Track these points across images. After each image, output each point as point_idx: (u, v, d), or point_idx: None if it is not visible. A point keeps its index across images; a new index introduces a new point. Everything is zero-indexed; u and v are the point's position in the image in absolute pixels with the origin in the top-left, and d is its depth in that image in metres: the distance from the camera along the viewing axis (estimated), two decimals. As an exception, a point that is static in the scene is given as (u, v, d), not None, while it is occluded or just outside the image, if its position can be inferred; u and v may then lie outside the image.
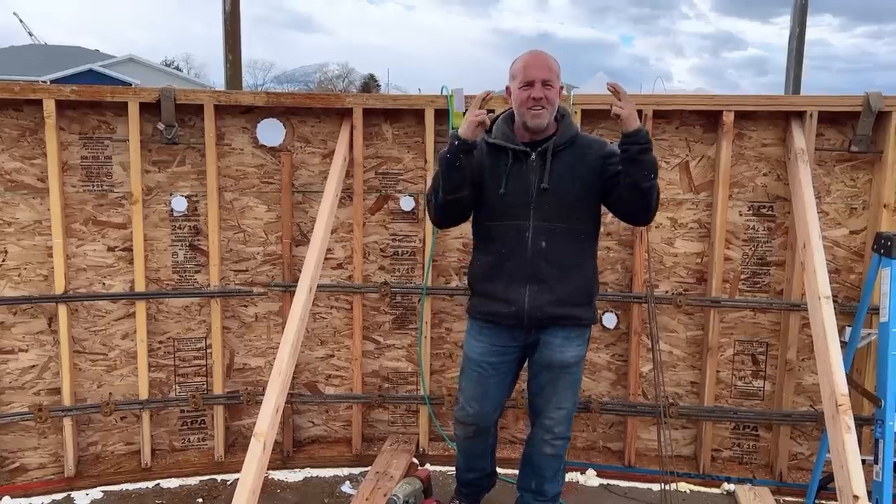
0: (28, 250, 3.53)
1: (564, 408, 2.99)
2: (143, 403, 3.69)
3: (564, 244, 2.82)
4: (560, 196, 2.80)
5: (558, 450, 3.03)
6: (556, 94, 2.80)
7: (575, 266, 2.85)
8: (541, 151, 2.82)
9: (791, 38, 5.07)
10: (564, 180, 2.81)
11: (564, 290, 2.83)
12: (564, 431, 3.02)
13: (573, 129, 2.91)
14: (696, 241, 3.77)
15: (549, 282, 2.81)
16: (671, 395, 3.84)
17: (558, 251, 2.81)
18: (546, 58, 2.84)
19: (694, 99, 3.76)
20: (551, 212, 2.80)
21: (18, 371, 3.58)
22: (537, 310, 2.83)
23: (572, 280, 2.84)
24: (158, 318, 3.75)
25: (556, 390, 2.96)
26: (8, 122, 3.45)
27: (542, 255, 2.80)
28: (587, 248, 2.92)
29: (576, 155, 2.85)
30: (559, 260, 2.82)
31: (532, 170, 2.82)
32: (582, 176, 2.82)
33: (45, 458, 3.66)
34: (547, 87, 2.77)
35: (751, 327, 3.78)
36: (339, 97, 3.74)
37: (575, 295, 2.85)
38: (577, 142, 2.87)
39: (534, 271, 2.81)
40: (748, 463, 3.85)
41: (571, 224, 2.83)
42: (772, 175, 3.69)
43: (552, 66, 2.81)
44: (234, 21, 4.38)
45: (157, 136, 3.59)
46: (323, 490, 3.67)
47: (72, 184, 3.56)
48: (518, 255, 2.82)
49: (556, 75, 2.81)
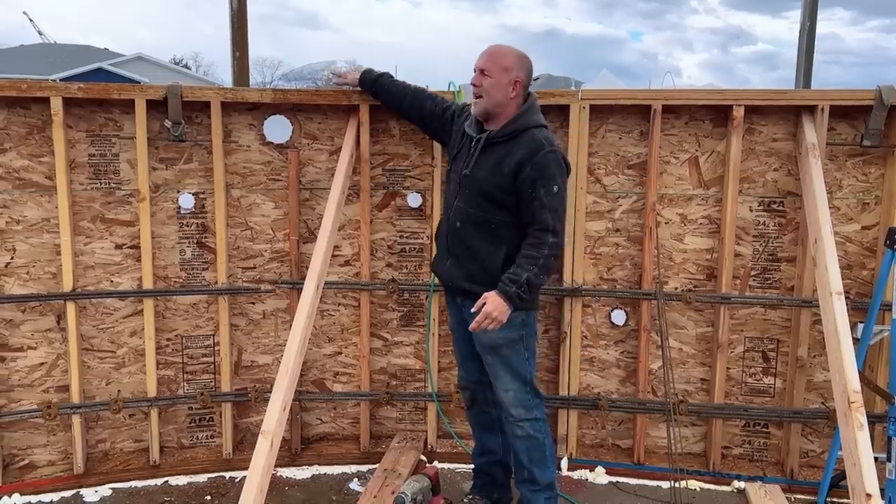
0: (36, 248, 3.54)
1: (510, 389, 3.00)
2: (151, 401, 3.69)
3: (475, 229, 2.93)
4: (478, 184, 2.90)
5: (527, 430, 3.03)
6: (493, 84, 2.85)
7: (484, 251, 2.92)
8: (479, 139, 2.94)
9: (802, 33, 5.02)
10: (484, 171, 2.90)
11: (472, 268, 2.94)
12: (523, 413, 3.02)
13: (523, 124, 2.89)
14: (705, 237, 3.74)
15: (460, 258, 2.99)
16: (681, 392, 3.81)
17: (469, 234, 2.94)
18: (496, 50, 2.92)
19: (703, 94, 3.73)
20: (469, 197, 2.94)
21: (27, 368, 3.59)
22: (451, 280, 3.06)
23: (477, 261, 2.93)
24: (166, 316, 3.75)
25: (496, 374, 3.03)
26: (16, 121, 3.46)
27: (456, 234, 2.99)
28: (500, 236, 2.91)
29: (509, 150, 2.87)
30: (469, 242, 2.94)
31: (470, 155, 2.96)
32: (502, 172, 2.85)
33: (55, 456, 3.67)
34: (484, 75, 2.85)
35: (761, 324, 3.74)
36: (346, 94, 3.72)
37: (483, 275, 2.89)
38: (519, 138, 2.87)
39: (450, 247, 3.03)
40: (759, 461, 3.83)
41: (483, 212, 2.90)
42: (782, 170, 3.65)
43: (497, 57, 2.89)
44: (241, 17, 4.35)
45: (164, 133, 3.58)
46: (331, 487, 3.67)
47: (79, 181, 3.56)
48: (444, 230, 3.08)
49: (501, 67, 2.86)
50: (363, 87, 3.52)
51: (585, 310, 3.81)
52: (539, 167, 2.79)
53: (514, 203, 2.86)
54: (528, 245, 2.82)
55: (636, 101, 3.65)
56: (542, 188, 2.78)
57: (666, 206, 3.74)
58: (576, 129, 3.64)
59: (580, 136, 3.64)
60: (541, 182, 2.78)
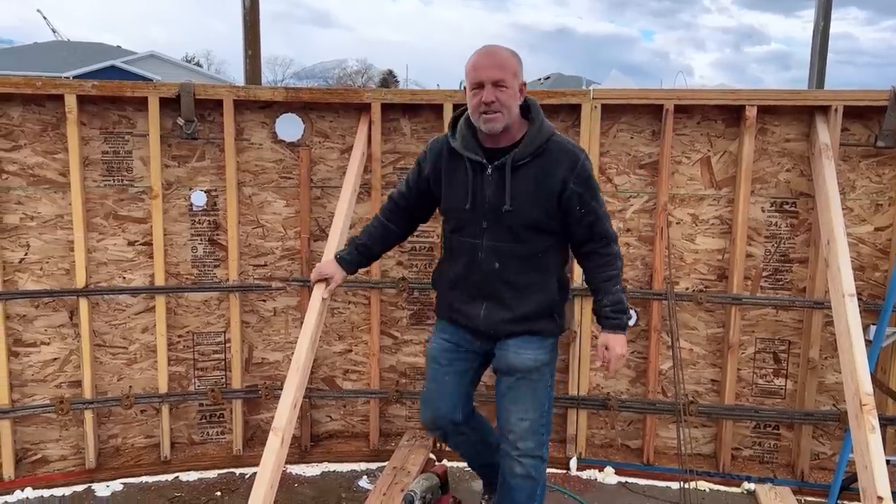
0: (50, 244, 3.56)
1: (527, 419, 2.65)
2: (162, 397, 3.71)
3: (521, 265, 2.56)
4: (517, 217, 2.51)
5: (529, 469, 2.68)
6: (511, 95, 2.45)
7: (533, 285, 2.59)
8: (498, 166, 2.50)
9: (815, 33, 4.98)
10: (524, 200, 2.50)
11: (522, 309, 2.60)
12: (533, 449, 2.67)
13: (544, 135, 2.52)
14: (717, 238, 3.73)
15: (506, 301, 2.60)
16: (691, 393, 3.80)
17: (513, 272, 2.57)
18: (499, 55, 2.48)
19: (716, 93, 3.71)
20: (506, 232, 2.53)
21: (40, 364, 3.62)
22: (492, 327, 2.64)
23: (531, 299, 2.59)
24: (178, 313, 3.77)
25: (517, 398, 2.67)
26: (30, 118, 3.48)
27: (495, 275, 2.57)
28: (548, 263, 2.61)
29: (542, 169, 2.50)
30: (515, 281, 2.57)
31: (488, 185, 2.52)
32: (545, 194, 2.50)
33: (67, 450, 3.70)
34: (500, 88, 2.43)
35: (772, 325, 3.73)
36: (358, 92, 3.74)
37: (534, 313, 2.61)
38: (546, 151, 2.51)
39: (489, 291, 2.61)
40: (769, 462, 3.81)
41: (529, 245, 2.55)
42: (795, 171, 3.63)
43: (505, 63, 2.46)
44: (254, 15, 4.37)
45: (176, 131, 3.60)
46: (340, 485, 3.68)
47: (93, 178, 3.59)
48: (473, 274, 2.61)
49: (513, 73, 2.46)
50: (352, 269, 2.92)
51: (596, 309, 3.80)
52: (582, 180, 2.50)
53: (558, 226, 2.56)
54: (602, 266, 2.57)
55: (648, 101, 3.64)
56: (592, 201, 2.52)
57: (677, 206, 3.72)
58: (587, 129, 3.63)
59: (591, 136, 3.63)
60: (588, 195, 2.51)
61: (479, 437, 2.94)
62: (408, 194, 2.82)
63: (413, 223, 2.93)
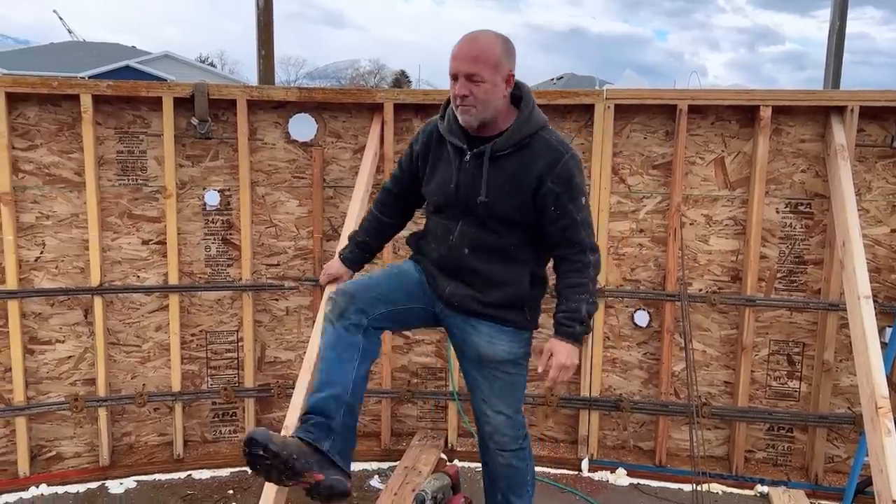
0: (65, 243, 3.59)
1: (502, 413, 2.59)
2: (175, 395, 3.73)
3: (491, 255, 2.48)
4: (492, 209, 2.42)
5: (509, 460, 2.64)
6: (487, 89, 2.32)
7: (502, 276, 2.49)
8: (476, 154, 2.43)
9: (831, 32, 4.94)
10: (499, 193, 2.41)
11: (488, 297, 2.50)
12: (510, 442, 2.62)
13: (530, 127, 2.42)
14: (730, 239, 3.70)
15: (475, 286, 2.51)
16: (704, 394, 3.78)
17: (482, 261, 2.48)
18: (476, 45, 2.34)
19: (730, 94, 3.69)
20: (478, 221, 2.46)
21: (55, 361, 3.65)
22: (456, 298, 2.53)
23: (499, 290, 2.50)
24: (191, 311, 3.79)
25: (492, 391, 2.58)
26: (46, 117, 3.51)
27: (465, 261, 2.50)
28: (521, 257, 2.51)
29: (522, 163, 2.40)
30: (483, 270, 2.49)
31: (465, 171, 2.45)
32: (520, 189, 2.40)
33: (81, 448, 3.73)
34: (474, 82, 2.31)
35: (787, 327, 3.70)
36: (370, 92, 3.75)
37: (502, 302, 2.50)
38: (529, 145, 2.41)
39: (458, 275, 2.53)
40: (783, 465, 3.78)
41: (501, 237, 2.46)
42: (810, 171, 3.61)
43: (482, 56, 2.32)
44: (267, 16, 4.38)
45: (190, 130, 3.62)
46: (352, 484, 3.67)
47: (107, 178, 3.62)
48: (445, 256, 2.54)
49: (491, 65, 2.31)
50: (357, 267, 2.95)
51: (608, 310, 3.79)
52: (562, 179, 2.37)
53: (534, 219, 2.45)
54: (570, 272, 2.43)
55: (662, 101, 3.63)
56: (569, 203, 2.38)
57: (691, 206, 3.71)
58: (600, 129, 3.62)
59: (605, 136, 3.62)
60: (567, 197, 2.38)
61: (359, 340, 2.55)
62: (401, 177, 2.76)
63: (408, 209, 2.83)
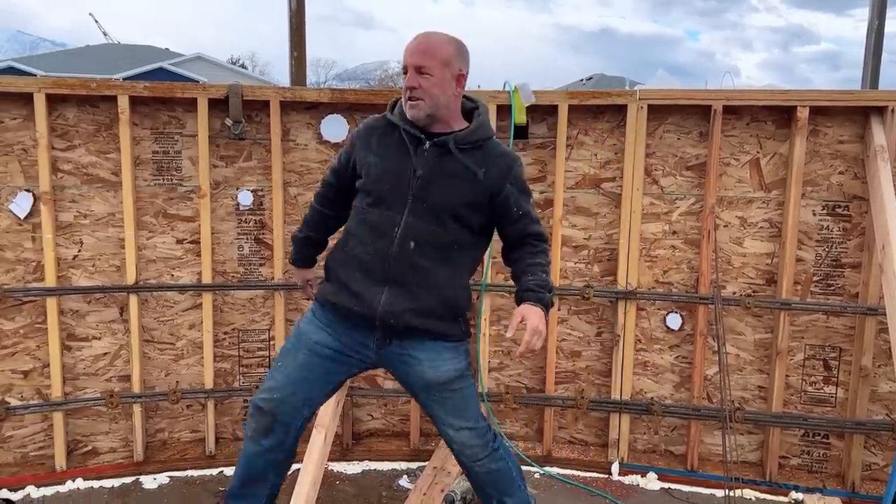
0: (102, 242, 3.65)
1: (463, 427, 2.59)
2: (208, 393, 3.78)
3: (435, 251, 2.46)
4: (443, 196, 2.45)
5: (488, 466, 2.65)
6: (434, 83, 2.40)
7: (441, 277, 2.47)
8: (438, 142, 2.47)
9: (869, 31, 4.86)
10: (457, 185, 2.45)
11: (424, 301, 2.45)
12: (480, 451, 2.62)
13: (486, 131, 2.54)
14: (766, 241, 3.65)
15: (411, 287, 2.45)
16: (737, 399, 3.73)
17: (426, 257, 2.44)
18: (428, 41, 2.44)
19: (766, 94, 3.64)
20: (429, 213, 2.44)
21: (92, 358, 3.71)
22: (392, 316, 2.45)
23: (436, 292, 2.47)
24: (224, 310, 3.83)
25: (448, 412, 2.59)
26: (85, 118, 3.58)
27: (407, 256, 2.44)
28: (461, 262, 2.54)
29: (482, 163, 2.47)
30: (425, 267, 2.45)
31: (422, 160, 2.46)
32: (478, 189, 2.47)
33: (116, 443, 3.79)
34: (422, 75, 2.40)
35: (823, 331, 3.63)
36: (401, 93, 3.74)
37: (439, 308, 2.48)
38: (486, 147, 2.51)
39: (395, 274, 2.45)
40: (818, 472, 3.71)
41: (449, 233, 2.47)
42: (848, 173, 3.54)
43: (432, 50, 2.42)
44: (300, 18, 4.42)
45: (224, 131, 3.66)
46: (381, 483, 3.70)
47: (143, 178, 3.67)
48: (382, 251, 2.45)
49: (442, 61, 2.41)
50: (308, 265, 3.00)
51: (640, 313, 3.76)
52: (518, 182, 2.52)
53: (480, 220, 2.52)
54: (532, 254, 2.51)
55: (696, 102, 3.58)
56: (525, 203, 2.53)
57: (725, 208, 3.66)
58: (633, 130, 3.59)
59: (637, 137, 3.59)
60: (523, 198, 2.53)
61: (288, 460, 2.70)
62: (340, 170, 2.72)
63: (347, 203, 2.71)
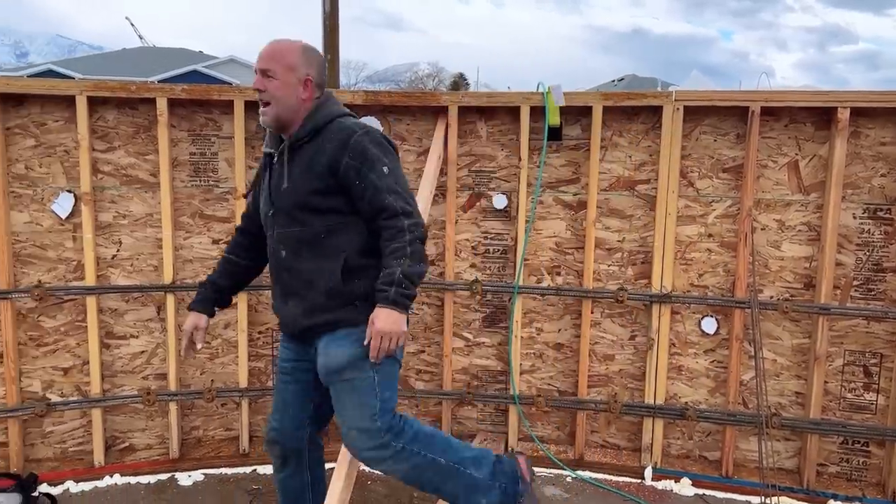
0: (140, 242, 3.72)
1: (353, 428, 2.51)
2: (242, 391, 3.82)
3: (304, 250, 2.49)
4: (292, 197, 2.48)
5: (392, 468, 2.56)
6: (278, 86, 2.45)
7: (318, 272, 2.47)
8: (280, 151, 2.54)
9: (912, 30, 4.76)
10: (298, 179, 2.48)
11: (311, 300, 2.50)
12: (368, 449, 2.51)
13: (324, 116, 2.51)
14: (804, 245, 3.58)
15: (300, 292, 2.52)
16: (774, 405, 3.67)
17: (297, 259, 2.50)
18: (275, 46, 2.51)
19: (805, 95, 3.57)
20: (286, 216, 2.50)
21: (129, 356, 3.78)
22: (293, 324, 2.58)
23: (318, 288, 2.48)
24: (258, 310, 3.87)
25: (340, 405, 2.55)
26: (124, 120, 3.64)
27: (284, 265, 2.54)
28: (330, 251, 2.47)
29: (318, 147, 2.47)
30: (299, 268, 2.50)
31: (274, 173, 2.55)
32: (317, 172, 2.45)
33: (152, 440, 3.85)
34: (267, 77, 2.47)
35: (863, 337, 3.56)
36: (435, 95, 3.76)
37: (325, 300, 2.48)
38: (324, 131, 2.49)
39: (284, 284, 2.57)
40: (857, 480, 3.64)
41: (309, 227, 2.48)
42: (890, 176, 3.46)
43: (277, 55, 2.48)
44: (333, 20, 4.46)
45: (260, 133, 3.70)
46: (412, 484, 3.69)
47: (180, 179, 3.73)
48: (274, 270, 2.61)
49: (286, 65, 2.47)
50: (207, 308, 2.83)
51: (674, 316, 3.72)
52: (357, 153, 2.42)
53: (343, 203, 2.47)
54: (387, 241, 2.42)
55: (733, 103, 3.53)
56: (370, 173, 2.41)
57: (762, 211, 3.60)
58: (668, 131, 3.55)
59: (673, 139, 3.55)
60: (366, 168, 2.41)
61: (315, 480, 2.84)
62: (248, 211, 2.82)
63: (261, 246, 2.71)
